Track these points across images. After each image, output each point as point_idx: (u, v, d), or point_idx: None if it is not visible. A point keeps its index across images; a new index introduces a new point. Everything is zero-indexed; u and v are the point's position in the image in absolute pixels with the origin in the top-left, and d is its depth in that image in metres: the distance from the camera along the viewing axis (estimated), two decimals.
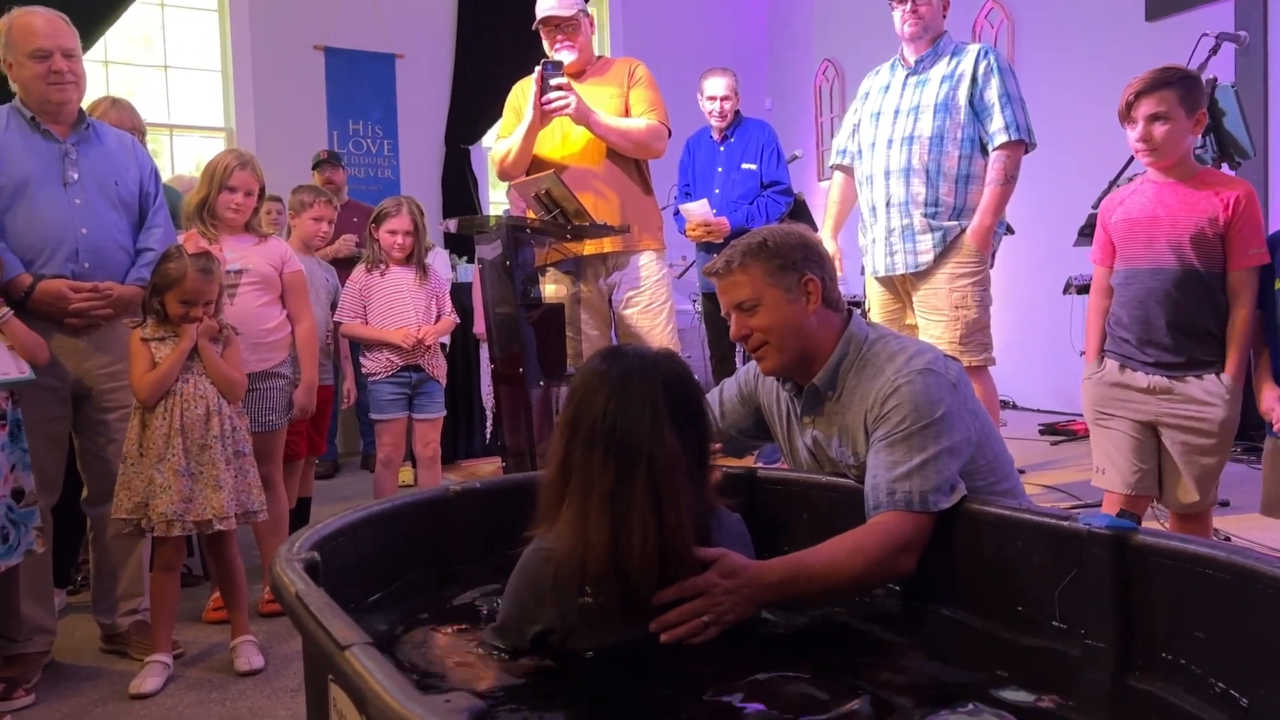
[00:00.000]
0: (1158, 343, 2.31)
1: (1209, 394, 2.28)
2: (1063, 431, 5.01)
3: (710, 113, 4.42)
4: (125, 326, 2.44)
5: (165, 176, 3.94)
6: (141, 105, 3.27)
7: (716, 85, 4.38)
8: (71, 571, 3.02)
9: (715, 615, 1.42)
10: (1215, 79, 3.79)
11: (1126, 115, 2.31)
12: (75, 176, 2.44)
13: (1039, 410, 5.88)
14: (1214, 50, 3.85)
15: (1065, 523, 1.42)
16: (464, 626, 1.56)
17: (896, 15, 3.31)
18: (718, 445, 2.03)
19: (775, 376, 1.89)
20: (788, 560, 1.56)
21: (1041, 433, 5.11)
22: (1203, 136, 3.74)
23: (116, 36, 5.99)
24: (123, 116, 3.03)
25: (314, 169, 5.22)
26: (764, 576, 1.48)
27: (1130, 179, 2.75)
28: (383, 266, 3.41)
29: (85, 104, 2.61)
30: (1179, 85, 2.25)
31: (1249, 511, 3.24)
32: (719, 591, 1.42)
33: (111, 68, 6.05)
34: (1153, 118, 2.25)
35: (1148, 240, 2.31)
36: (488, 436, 4.93)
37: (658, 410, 1.39)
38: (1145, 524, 1.65)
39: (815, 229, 4.64)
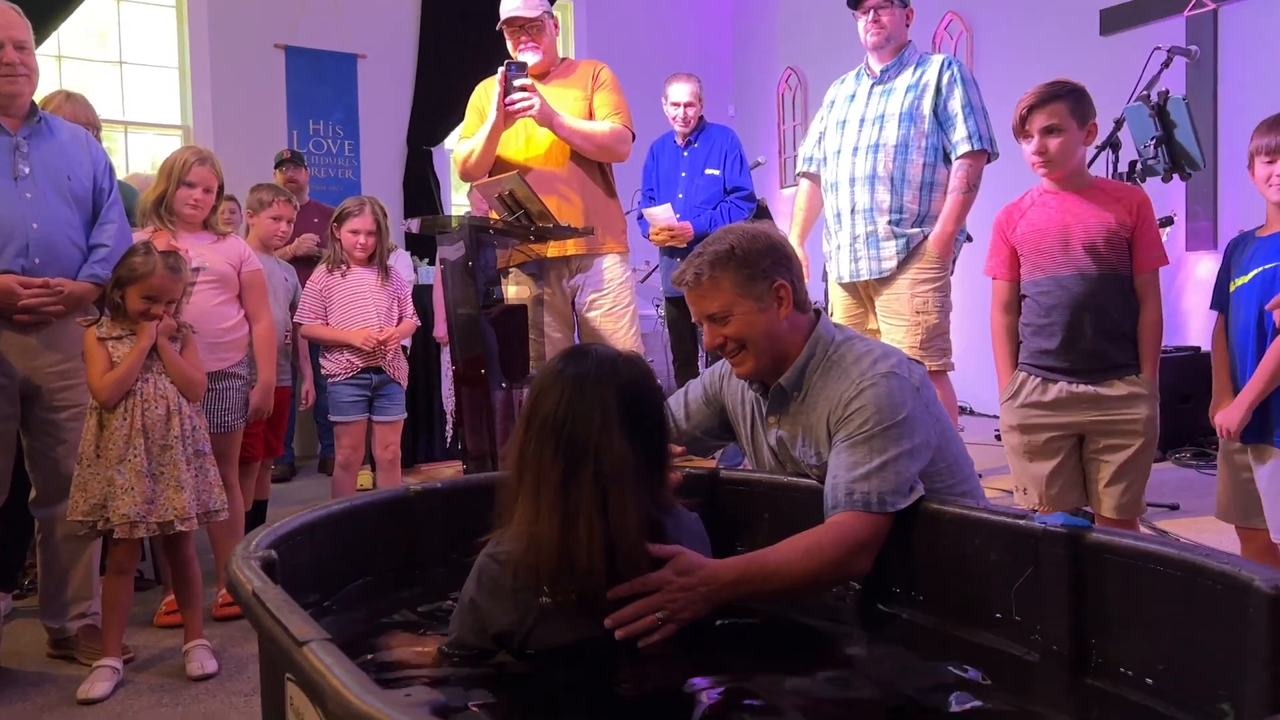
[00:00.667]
0: (1083, 348, 2.35)
1: (1131, 394, 2.34)
2: None
3: (674, 119, 4.44)
4: (77, 325, 2.39)
5: (120, 174, 3.87)
6: (96, 102, 3.20)
7: (681, 91, 4.40)
8: (18, 575, 2.94)
9: (670, 612, 1.42)
10: (1167, 92, 3.88)
11: (1021, 130, 2.36)
12: (26, 170, 2.39)
13: (995, 416, 5.95)
14: (1166, 64, 3.95)
15: (1021, 521, 1.44)
16: (424, 626, 1.54)
17: (860, 24, 3.35)
18: (680, 449, 2.04)
19: (750, 380, 1.89)
20: (743, 559, 1.57)
21: (998, 438, 5.17)
22: (1154, 148, 3.83)
23: (71, 31, 5.88)
24: (77, 111, 2.96)
25: (276, 168, 5.16)
26: (720, 575, 1.49)
27: None
28: (344, 267, 3.38)
29: (39, 99, 2.56)
30: (1069, 98, 2.32)
31: (1199, 515, 3.31)
32: (673, 588, 1.42)
33: (65, 63, 5.93)
34: (1046, 130, 2.31)
35: (1064, 246, 2.35)
36: (448, 439, 4.89)
37: (608, 412, 1.39)
38: None
39: None
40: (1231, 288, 2.31)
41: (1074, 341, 2.35)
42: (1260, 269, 2.23)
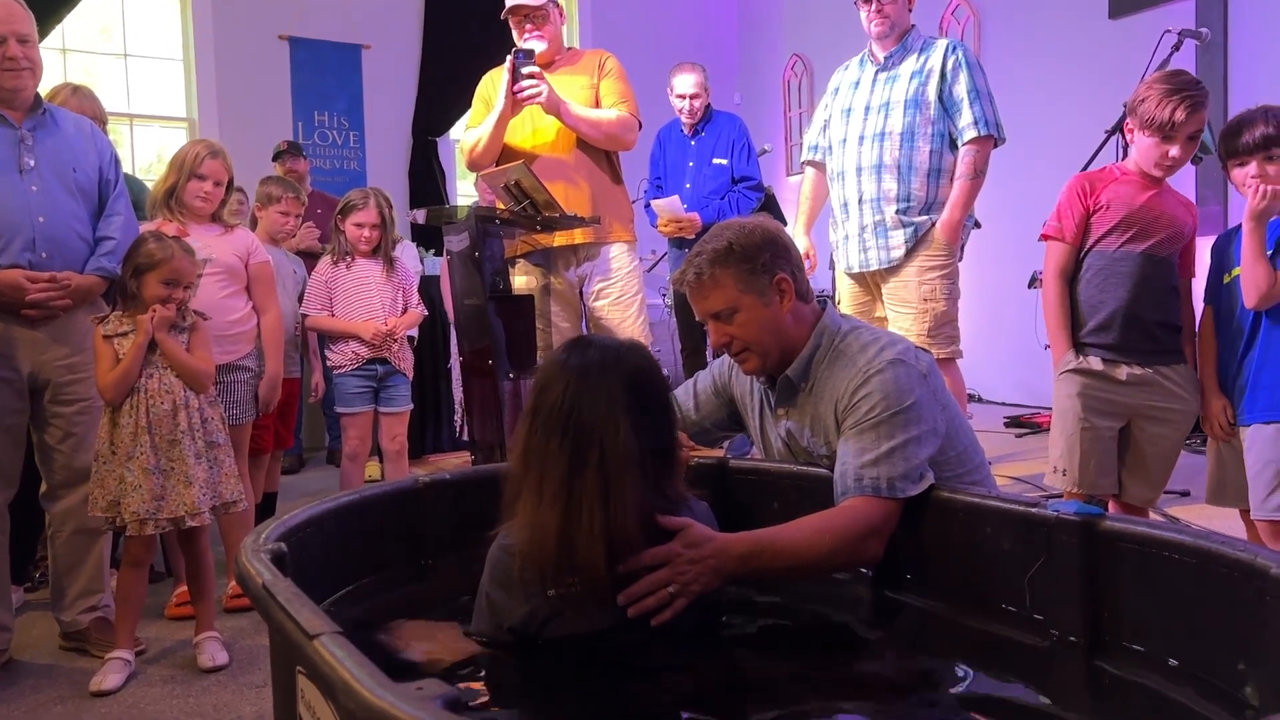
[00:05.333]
0: (1152, 323, 2.34)
1: (1181, 384, 2.35)
2: (1027, 424, 5.07)
3: (680, 110, 4.41)
4: (86, 320, 2.38)
5: (126, 167, 3.87)
6: (101, 94, 3.21)
7: (685, 83, 4.36)
8: (29, 568, 2.95)
9: (680, 585, 1.41)
10: None
11: (1165, 128, 2.23)
12: (31, 163, 2.38)
13: (1004, 403, 5.95)
14: (1175, 47, 3.91)
15: (1034, 509, 1.43)
16: (434, 618, 1.54)
17: (863, 15, 3.32)
18: (691, 445, 2.03)
19: (759, 376, 1.88)
20: (754, 534, 1.56)
21: (1007, 425, 5.17)
22: None
23: (75, 24, 5.87)
24: (84, 105, 2.95)
25: (274, 159, 5.15)
26: (729, 548, 1.49)
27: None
28: (349, 259, 3.38)
29: (45, 91, 2.55)
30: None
31: None
32: (682, 561, 1.42)
33: (70, 56, 5.93)
34: (1192, 137, 2.27)
35: (1146, 230, 2.33)
36: (457, 430, 4.89)
37: (614, 401, 1.39)
38: None
39: (785, 223, 4.66)
40: (1226, 279, 2.31)
41: (1159, 315, 2.36)
42: None
